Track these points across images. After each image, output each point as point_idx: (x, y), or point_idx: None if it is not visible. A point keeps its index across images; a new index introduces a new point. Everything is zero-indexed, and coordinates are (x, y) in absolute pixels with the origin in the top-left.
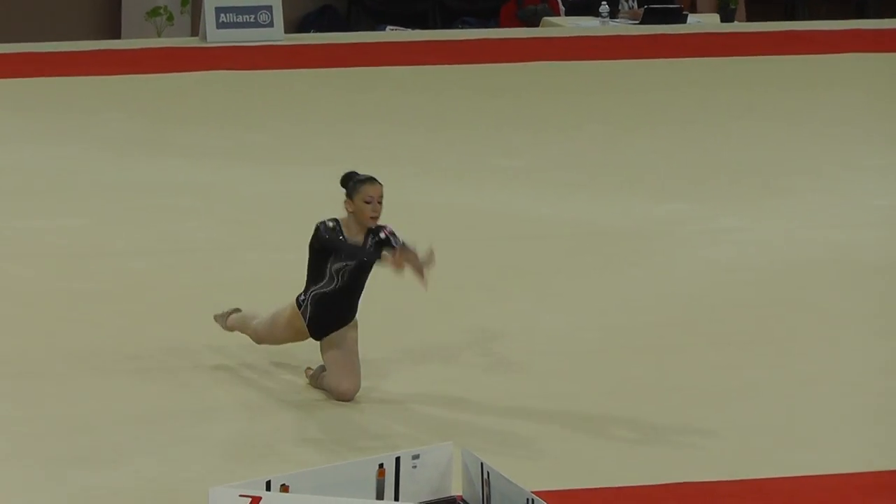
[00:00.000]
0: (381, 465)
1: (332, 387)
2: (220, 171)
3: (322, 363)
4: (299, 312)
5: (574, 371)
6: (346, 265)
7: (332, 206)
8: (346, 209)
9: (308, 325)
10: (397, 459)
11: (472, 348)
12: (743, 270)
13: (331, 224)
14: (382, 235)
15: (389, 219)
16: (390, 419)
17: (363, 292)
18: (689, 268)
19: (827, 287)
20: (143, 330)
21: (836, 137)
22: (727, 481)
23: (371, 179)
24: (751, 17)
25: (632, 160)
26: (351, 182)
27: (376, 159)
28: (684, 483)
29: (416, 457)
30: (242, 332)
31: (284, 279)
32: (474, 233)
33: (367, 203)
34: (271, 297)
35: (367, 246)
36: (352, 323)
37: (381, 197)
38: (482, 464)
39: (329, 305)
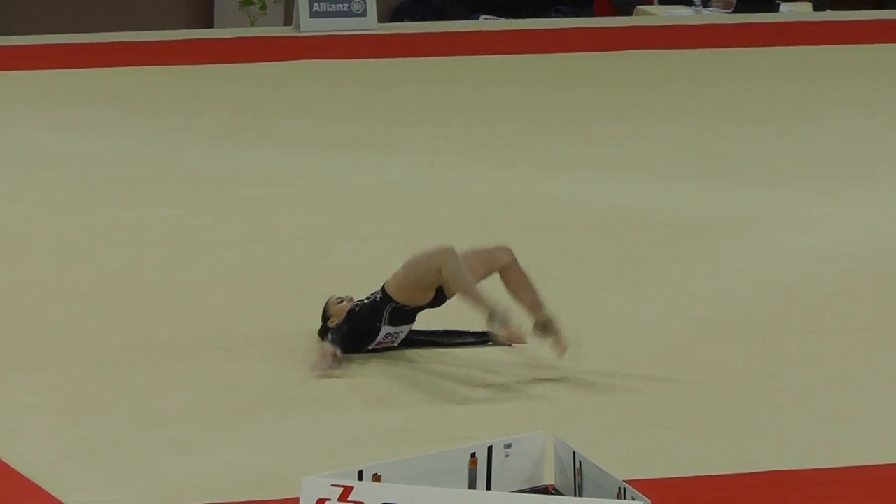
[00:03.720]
0: (473, 455)
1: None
2: (314, 161)
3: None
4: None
5: (668, 360)
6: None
7: (426, 194)
8: None
9: None
10: (489, 448)
11: (566, 336)
12: (839, 259)
13: None
14: None
15: (482, 209)
16: (482, 408)
17: None
18: (784, 256)
19: None
20: (235, 320)
21: None
22: (821, 469)
23: None
24: (838, 6)
25: (726, 149)
26: None
27: (469, 149)
28: (777, 471)
29: (508, 446)
30: None
31: (379, 269)
32: (568, 222)
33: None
34: (365, 286)
35: None
36: None
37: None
38: (574, 453)
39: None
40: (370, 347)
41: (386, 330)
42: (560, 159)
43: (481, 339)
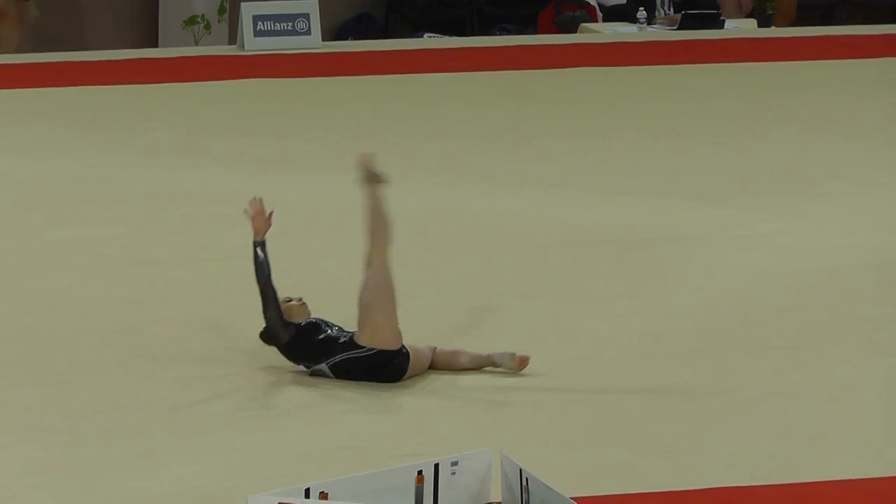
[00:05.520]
0: (419, 472)
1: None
2: (258, 179)
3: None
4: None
5: (615, 376)
6: None
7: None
8: None
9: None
10: (436, 466)
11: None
12: (783, 275)
13: None
14: None
15: (427, 227)
16: (428, 426)
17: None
18: (728, 273)
19: (868, 292)
20: (182, 338)
21: (876, 142)
22: (767, 486)
23: None
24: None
25: (670, 166)
26: None
27: (414, 166)
28: (724, 487)
29: (454, 463)
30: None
31: (323, 286)
32: (512, 240)
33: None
34: (311, 304)
35: None
36: None
37: None
38: (521, 470)
39: None
40: (299, 366)
41: (322, 366)
42: (505, 176)
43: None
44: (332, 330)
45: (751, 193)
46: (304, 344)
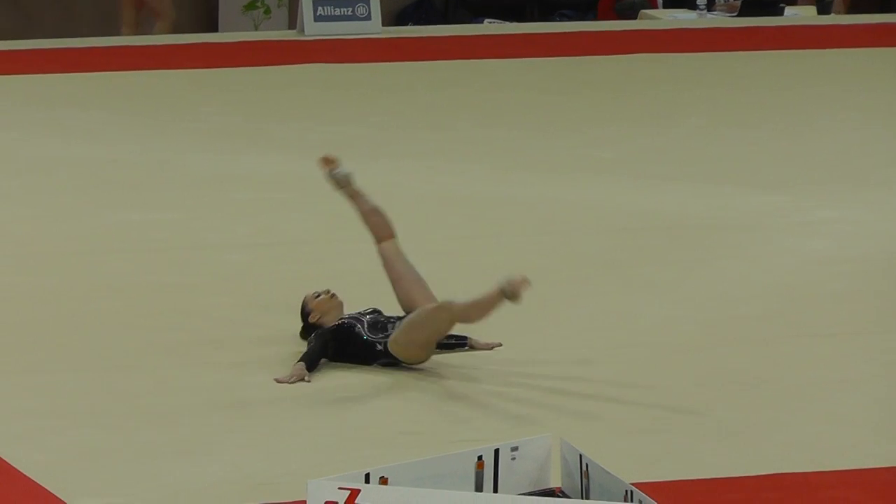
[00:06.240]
0: (480, 458)
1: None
2: (316, 165)
3: None
4: None
5: (671, 363)
6: None
7: (429, 197)
8: None
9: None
10: (496, 451)
11: (568, 341)
12: (840, 262)
13: None
14: None
15: (482, 213)
16: (489, 412)
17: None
18: (785, 260)
19: None
20: (239, 323)
21: None
22: (825, 472)
23: None
24: (851, 10)
25: (727, 152)
26: None
27: (472, 152)
28: (782, 474)
29: (515, 449)
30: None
31: (380, 273)
32: (570, 226)
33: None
34: (367, 290)
35: None
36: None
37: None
38: (581, 455)
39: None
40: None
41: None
42: (563, 163)
43: (460, 341)
44: (364, 331)
45: (808, 180)
46: (346, 355)
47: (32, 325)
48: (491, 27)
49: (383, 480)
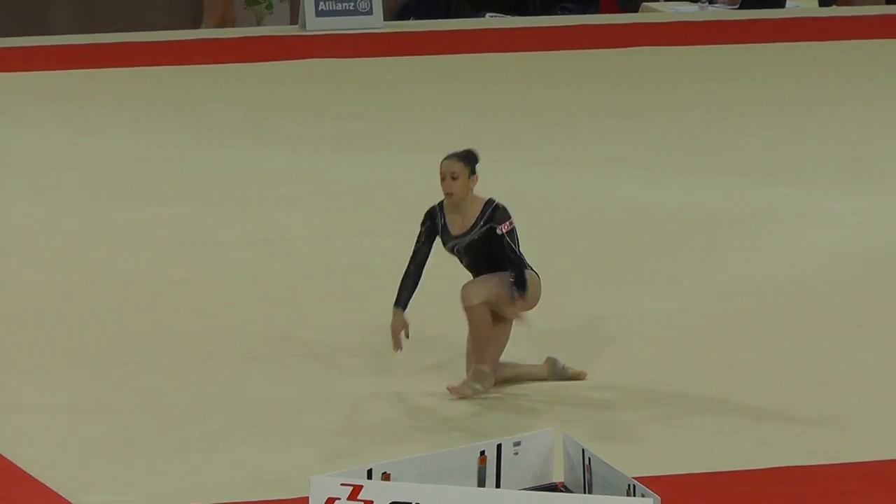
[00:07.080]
0: (482, 453)
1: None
2: (320, 160)
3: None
4: None
5: (678, 356)
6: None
7: (432, 191)
8: None
9: None
10: (499, 446)
11: (575, 333)
12: (848, 253)
13: (432, 208)
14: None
15: None
16: (491, 406)
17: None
18: (793, 251)
19: None
20: (245, 319)
21: None
22: (835, 464)
23: (446, 157)
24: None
25: (732, 145)
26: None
27: (475, 147)
28: (791, 467)
29: (517, 444)
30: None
31: (384, 266)
32: (575, 219)
33: (442, 181)
34: (372, 284)
35: (476, 227)
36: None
37: (453, 173)
38: (584, 450)
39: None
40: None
41: None
42: (566, 156)
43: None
44: None
45: (815, 172)
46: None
47: (39, 321)
48: (493, 21)
49: (386, 476)
